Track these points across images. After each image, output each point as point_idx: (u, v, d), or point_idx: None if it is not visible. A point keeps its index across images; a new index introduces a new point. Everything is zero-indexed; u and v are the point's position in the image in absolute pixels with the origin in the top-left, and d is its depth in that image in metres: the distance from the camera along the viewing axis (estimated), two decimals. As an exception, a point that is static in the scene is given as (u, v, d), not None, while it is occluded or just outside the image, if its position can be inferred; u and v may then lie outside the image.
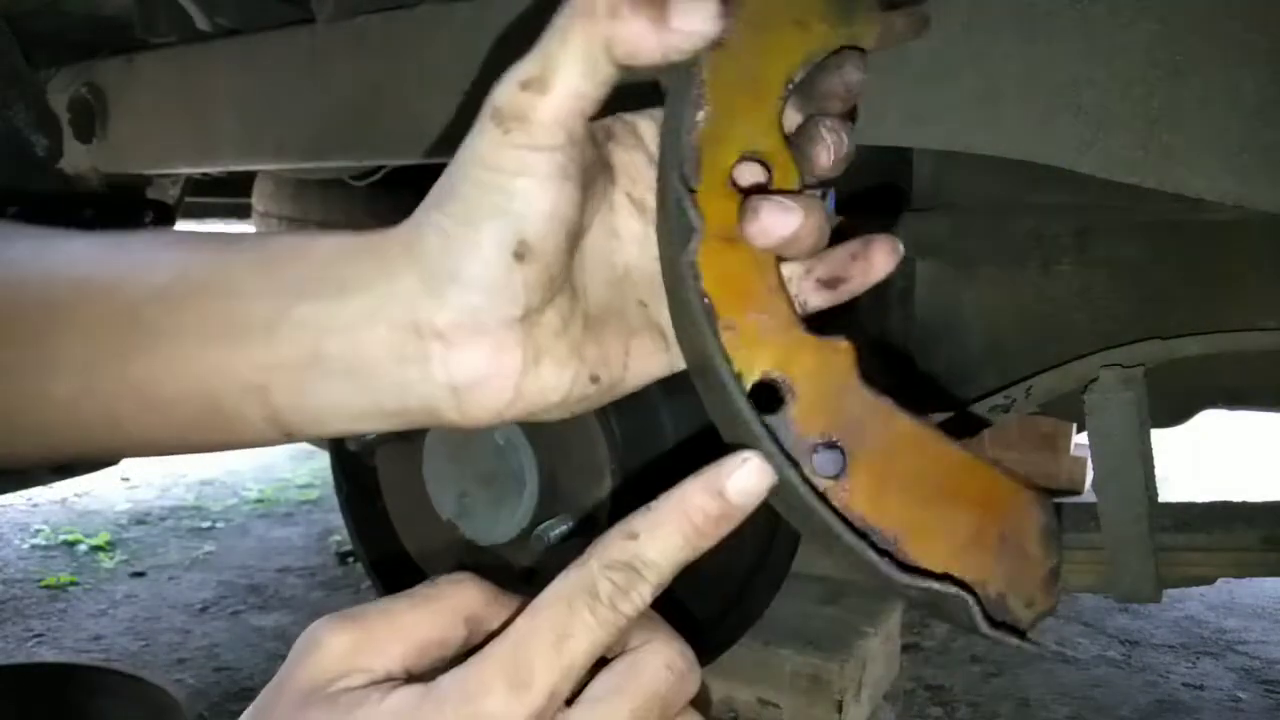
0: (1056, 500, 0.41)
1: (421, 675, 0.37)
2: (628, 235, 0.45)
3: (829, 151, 0.42)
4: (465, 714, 0.34)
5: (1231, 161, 0.62)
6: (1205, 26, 0.61)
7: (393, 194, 1.67)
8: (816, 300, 0.45)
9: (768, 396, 0.39)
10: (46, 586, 2.42)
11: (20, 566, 2.56)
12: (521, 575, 1.17)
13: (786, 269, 0.42)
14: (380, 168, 1.57)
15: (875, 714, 1.66)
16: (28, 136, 1.20)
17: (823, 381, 0.39)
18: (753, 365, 0.39)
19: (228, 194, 2.34)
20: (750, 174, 0.41)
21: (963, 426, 1.20)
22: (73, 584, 2.45)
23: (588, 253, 0.44)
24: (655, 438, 1.15)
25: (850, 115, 0.44)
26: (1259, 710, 1.84)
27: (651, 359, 0.45)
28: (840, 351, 0.40)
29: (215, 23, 1.16)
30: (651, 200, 0.45)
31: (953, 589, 0.38)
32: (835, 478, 0.39)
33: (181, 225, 1.64)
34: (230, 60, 1.22)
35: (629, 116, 0.46)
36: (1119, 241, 1.17)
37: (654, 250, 0.44)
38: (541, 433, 1.14)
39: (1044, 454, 2.60)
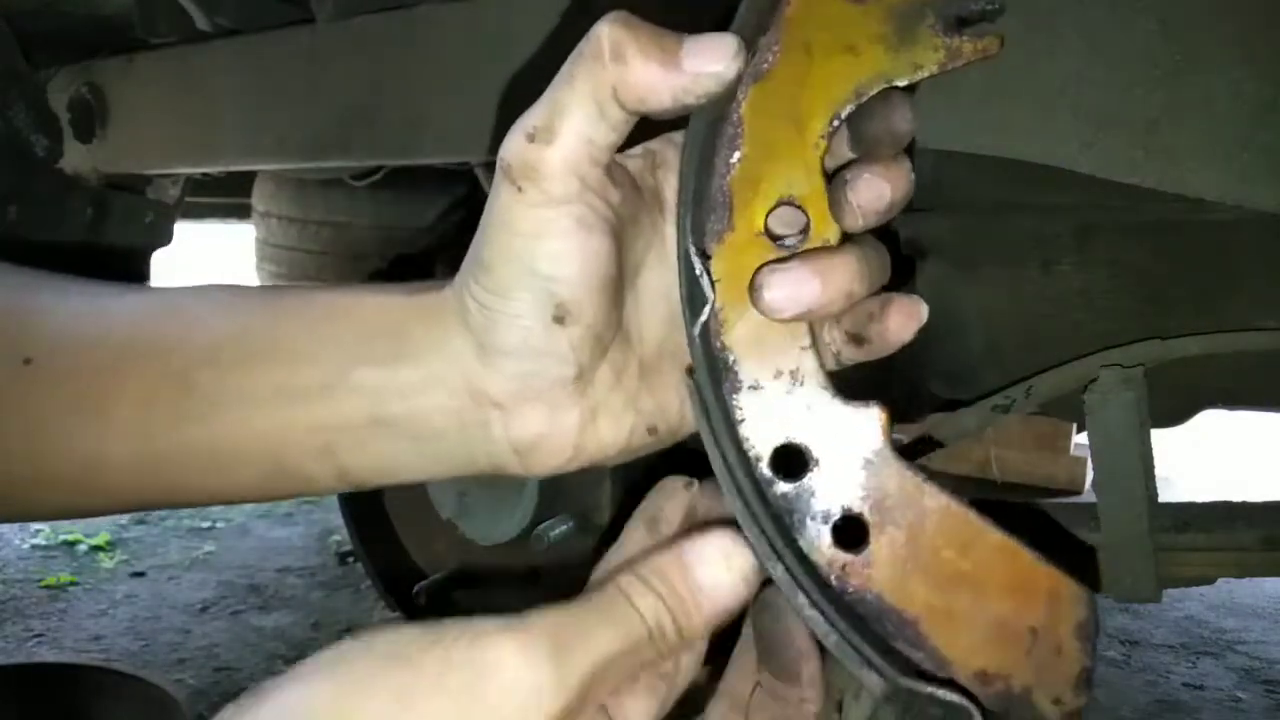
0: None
1: None
2: None
3: (870, 202, 0.38)
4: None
5: (1231, 161, 0.61)
6: (1205, 26, 0.61)
7: (394, 194, 1.67)
8: (850, 354, 0.42)
9: (790, 463, 0.37)
10: (46, 586, 2.42)
11: (20, 566, 2.56)
12: (522, 575, 1.17)
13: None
14: (380, 168, 1.57)
15: (875, 714, 1.66)
16: (28, 136, 1.20)
17: (849, 450, 0.36)
18: (776, 430, 0.37)
19: (228, 194, 2.34)
20: (786, 221, 0.37)
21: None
22: (73, 584, 2.45)
23: (642, 292, 0.43)
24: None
25: (908, 151, 0.40)
26: (1259, 710, 1.84)
27: None
28: (870, 419, 0.37)
29: (215, 23, 1.16)
30: None
31: (955, 697, 0.35)
32: (855, 553, 0.36)
33: (181, 225, 1.64)
34: (230, 60, 1.22)
35: (678, 136, 0.43)
36: (1119, 241, 1.16)
37: None
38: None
39: (1044, 454, 2.60)
